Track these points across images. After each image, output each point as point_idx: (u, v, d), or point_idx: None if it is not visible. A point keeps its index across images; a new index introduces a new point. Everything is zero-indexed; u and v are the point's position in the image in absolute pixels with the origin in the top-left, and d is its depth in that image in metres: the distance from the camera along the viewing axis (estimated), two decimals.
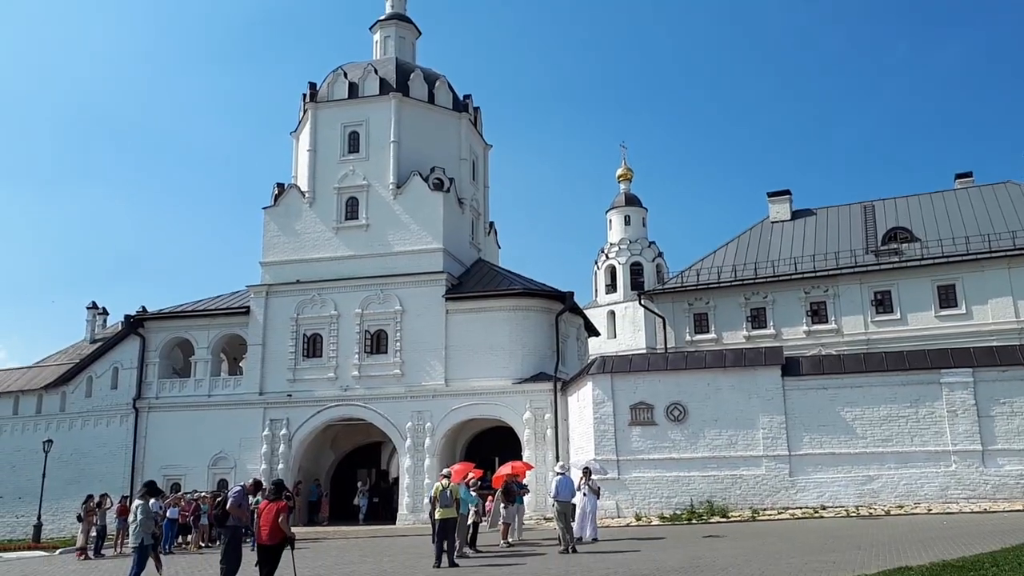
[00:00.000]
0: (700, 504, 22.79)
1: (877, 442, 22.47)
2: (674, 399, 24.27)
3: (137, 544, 12.98)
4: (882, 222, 37.24)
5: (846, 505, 21.89)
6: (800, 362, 24.37)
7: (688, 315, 37.17)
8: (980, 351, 23.43)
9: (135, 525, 12.85)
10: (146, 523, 12.96)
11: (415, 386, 29.84)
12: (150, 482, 14.52)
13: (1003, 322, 31.87)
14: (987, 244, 33.16)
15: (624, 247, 49.67)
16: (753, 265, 36.79)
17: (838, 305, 34.46)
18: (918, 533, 16.47)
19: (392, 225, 31.91)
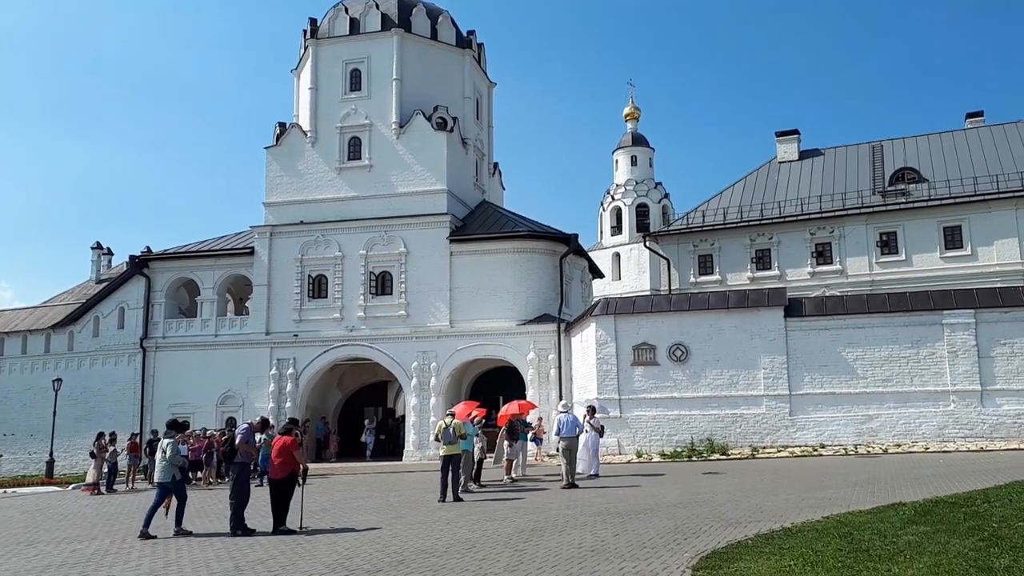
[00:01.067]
0: (700, 442, 23.16)
1: (877, 382, 22.67)
2: (677, 340, 24.43)
3: (166, 480, 12.95)
4: (890, 162, 36.83)
5: (845, 444, 22.21)
6: (803, 303, 24.43)
7: (693, 257, 37.11)
8: (983, 292, 23.42)
9: (163, 462, 12.99)
10: (175, 459, 13.13)
11: (420, 327, 30.05)
12: (173, 420, 14.64)
13: (1008, 263, 31.76)
14: (995, 185, 32.83)
15: (630, 188, 49.35)
16: (759, 206, 36.57)
17: (843, 246, 34.34)
18: (914, 471, 16.74)
19: (395, 166, 31.68)
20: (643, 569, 8.31)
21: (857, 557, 8.19)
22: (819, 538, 9.37)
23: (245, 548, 11.11)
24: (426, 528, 12.10)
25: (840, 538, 9.25)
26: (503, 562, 9.06)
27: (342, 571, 9.06)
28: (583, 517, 12.32)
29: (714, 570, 8.00)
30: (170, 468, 12.92)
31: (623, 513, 12.53)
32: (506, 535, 10.96)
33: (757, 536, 9.80)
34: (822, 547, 8.78)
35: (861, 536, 9.32)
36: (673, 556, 8.89)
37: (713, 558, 8.60)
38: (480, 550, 9.93)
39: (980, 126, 38.09)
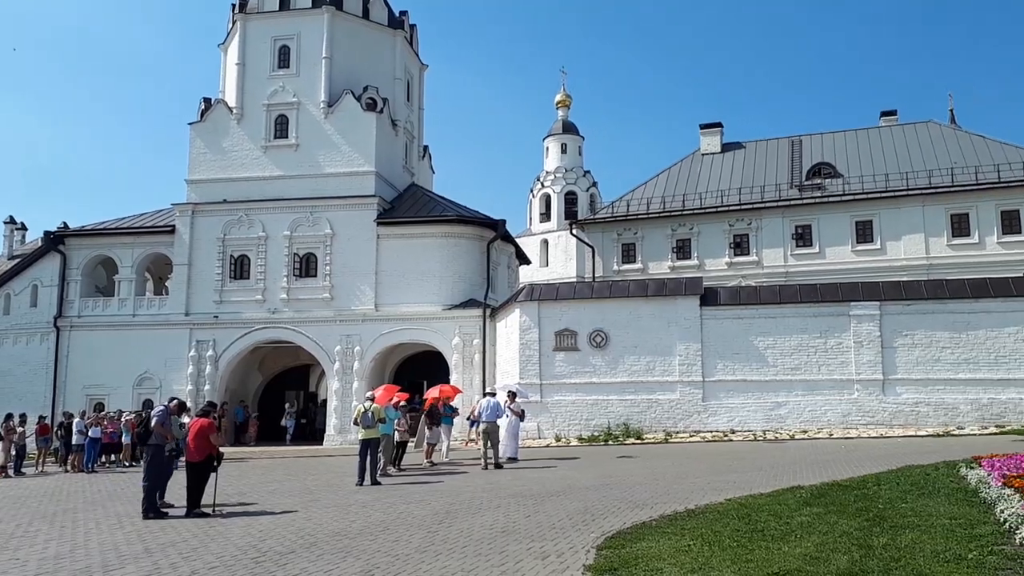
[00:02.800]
0: (617, 426, 23.80)
1: (787, 370, 23.66)
2: (597, 326, 24.97)
3: None
4: (808, 157, 38.22)
5: (754, 429, 23.15)
6: (719, 292, 25.27)
7: (617, 245, 37.83)
8: (887, 285, 24.63)
9: None
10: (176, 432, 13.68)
11: (344, 310, 29.84)
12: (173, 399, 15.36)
13: (913, 258, 33.40)
14: (905, 182, 34.43)
15: (560, 176, 49.76)
16: (682, 197, 37.48)
17: (760, 238, 35.54)
18: (816, 456, 17.54)
19: (323, 145, 31.26)
20: (550, 548, 8.61)
21: (752, 537, 8.63)
22: (719, 519, 9.82)
23: (156, 531, 11.02)
24: (341, 511, 12.18)
25: (739, 519, 9.71)
26: (415, 543, 9.26)
27: (254, 553, 9.10)
28: (497, 499, 12.61)
29: (617, 549, 8.34)
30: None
31: (537, 495, 12.86)
32: (420, 517, 11.15)
33: (661, 517, 10.21)
34: (721, 527, 9.22)
35: (758, 517, 9.79)
36: (580, 536, 9.23)
37: (617, 538, 8.96)
38: (394, 532, 10.09)
39: (893, 125, 39.81)
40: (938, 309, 23.20)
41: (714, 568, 7.29)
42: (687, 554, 7.92)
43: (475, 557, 8.36)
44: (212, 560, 8.83)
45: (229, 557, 8.95)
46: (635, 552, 8.14)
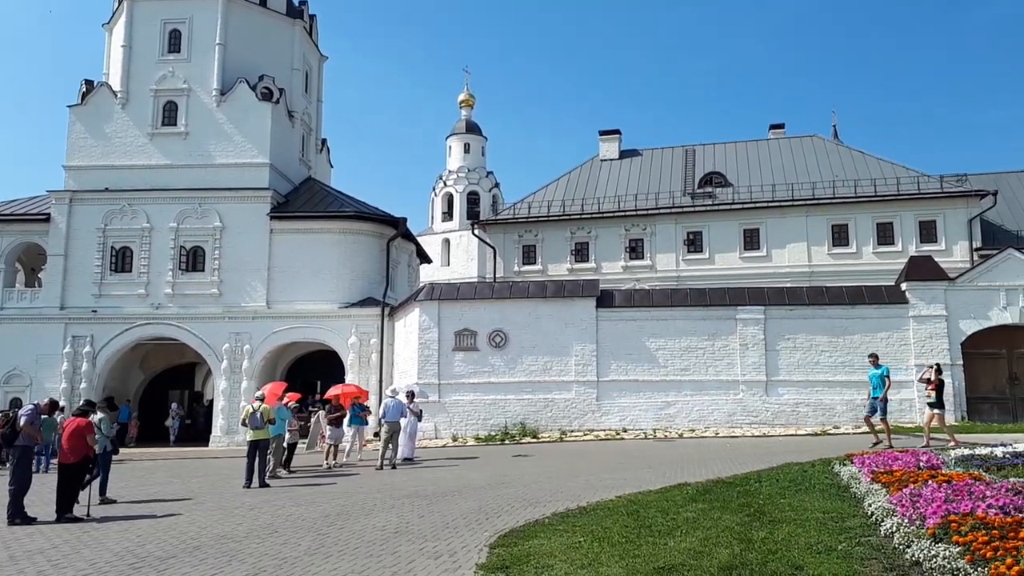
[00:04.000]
0: (514, 426, 23.96)
1: (676, 371, 24.40)
2: (497, 326, 25.07)
3: (100, 451, 13.40)
4: (700, 166, 39.57)
5: (645, 428, 23.76)
6: (614, 295, 25.82)
7: (518, 246, 38.12)
8: (772, 291, 25.74)
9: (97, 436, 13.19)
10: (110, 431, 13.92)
11: (234, 307, 28.85)
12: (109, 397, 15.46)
13: (797, 265, 35.07)
14: (790, 193, 36.11)
15: (462, 175, 49.85)
16: (581, 201, 38.13)
17: (654, 243, 36.56)
18: (703, 454, 18.12)
19: (214, 135, 30.11)
20: (442, 548, 8.56)
21: (640, 532, 8.83)
22: (609, 516, 10.00)
23: (23, 537, 10.34)
24: (227, 514, 11.74)
25: (628, 515, 9.91)
26: (304, 545, 9.01)
27: (131, 559, 8.65)
28: (391, 500, 12.45)
29: (509, 547, 8.36)
30: (103, 440, 13.42)
31: (431, 495, 12.78)
32: (311, 519, 10.88)
33: (554, 515, 10.31)
34: (611, 524, 9.38)
35: (647, 513, 10.02)
36: (473, 535, 9.21)
37: (510, 536, 8.98)
38: (282, 534, 9.80)
39: (781, 137, 41.71)
40: (818, 314, 24.43)
41: (603, 564, 7.40)
42: (577, 551, 8.02)
43: (366, 559, 8.22)
44: (85, 567, 8.35)
45: (104, 564, 8.48)
46: (527, 550, 8.18)
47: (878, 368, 17.51)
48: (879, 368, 17.51)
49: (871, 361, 17.98)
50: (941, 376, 17.13)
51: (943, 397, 16.96)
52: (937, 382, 16.70)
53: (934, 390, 16.62)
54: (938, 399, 16.64)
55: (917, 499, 8.09)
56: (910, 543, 6.93)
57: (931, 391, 16.69)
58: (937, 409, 16.60)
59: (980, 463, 11.51)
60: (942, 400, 16.82)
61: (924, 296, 23.95)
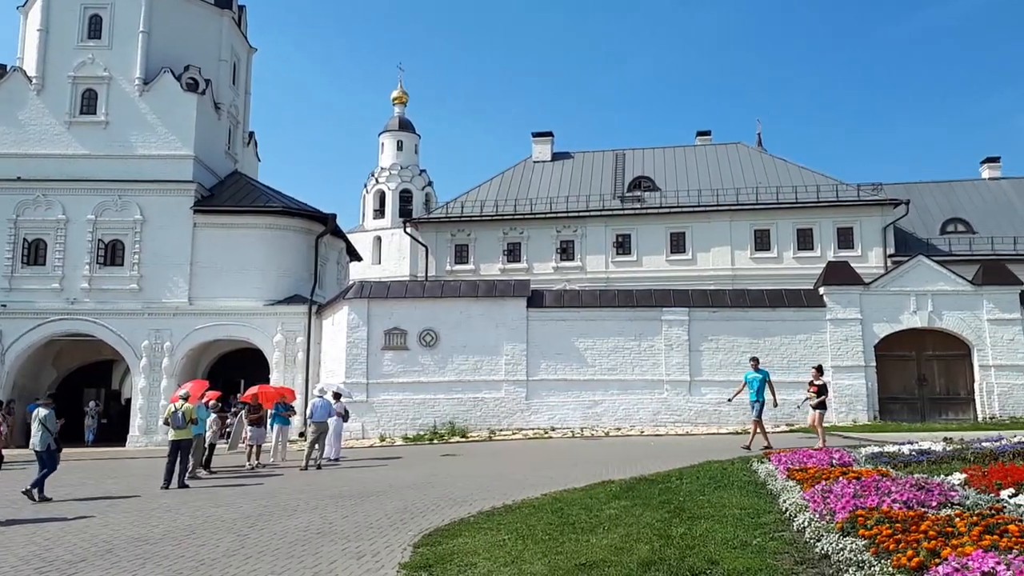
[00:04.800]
0: (443, 425, 23.92)
1: (604, 370, 24.76)
2: (428, 325, 24.97)
3: (43, 448, 13.61)
4: (630, 170, 40.25)
5: (572, 427, 24.04)
6: (544, 295, 26.04)
7: (451, 245, 38.07)
8: (696, 293, 26.37)
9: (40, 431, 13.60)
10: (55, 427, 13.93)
11: (154, 303, 27.94)
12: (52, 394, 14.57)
13: (721, 269, 36.05)
14: (715, 198, 37.09)
15: (395, 173, 49.43)
16: (514, 202, 38.33)
17: (585, 244, 37.03)
18: (628, 452, 18.42)
19: (136, 125, 29.12)
20: (366, 548, 8.49)
21: (564, 530, 8.91)
22: (534, 513, 10.07)
23: None
24: (143, 516, 11.38)
25: (552, 513, 10.00)
26: (223, 547, 8.81)
27: (37, 563, 8.30)
28: (315, 500, 12.27)
29: (434, 546, 8.35)
30: (47, 437, 13.66)
31: (356, 495, 12.65)
32: (230, 520, 10.63)
33: (479, 513, 10.33)
34: (535, 521, 9.45)
35: (570, 511, 10.13)
36: (397, 535, 9.16)
37: (434, 535, 8.97)
38: (200, 536, 9.56)
39: (708, 144, 42.77)
40: (740, 316, 25.14)
41: (526, 561, 7.45)
42: (501, 548, 8.06)
43: (287, 559, 8.09)
44: None
45: (9, 568, 8.12)
46: (451, 548, 8.18)
47: (758, 372, 17.62)
48: (759, 372, 17.62)
49: (752, 364, 18.11)
50: (823, 378, 17.44)
51: (825, 398, 17.06)
52: (819, 384, 16.98)
53: (816, 391, 16.87)
54: (820, 400, 16.83)
55: (828, 495, 8.35)
56: (820, 537, 7.14)
57: (813, 392, 16.95)
58: (820, 409, 16.81)
59: (888, 460, 12.01)
60: (824, 401, 16.99)
61: (840, 300, 24.90)
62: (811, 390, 17.09)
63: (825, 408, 17.16)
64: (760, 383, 17.32)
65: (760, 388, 17.26)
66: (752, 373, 17.67)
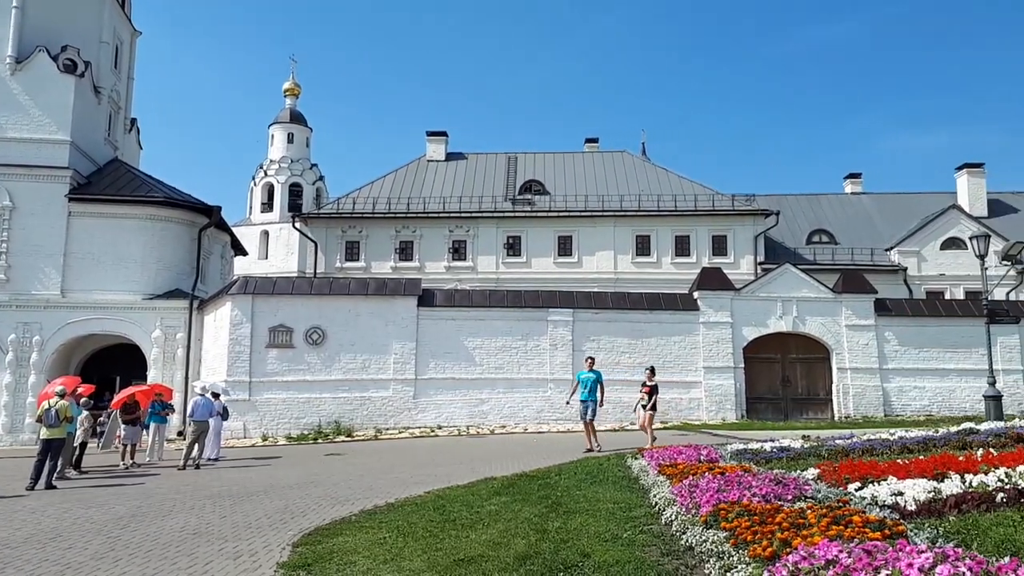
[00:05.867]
0: (328, 424, 23.70)
1: (491, 369, 25.16)
2: (315, 323, 24.67)
3: None
4: (522, 173, 40.94)
5: (459, 425, 24.31)
6: (435, 294, 26.20)
7: (341, 242, 37.60)
8: (580, 295, 27.15)
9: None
10: None
11: (23, 294, 26.36)
12: None
13: (604, 272, 37.20)
14: (601, 204, 38.23)
15: (285, 166, 48.18)
16: (407, 200, 38.25)
17: (476, 245, 37.41)
18: (512, 449, 18.78)
19: (7, 106, 27.39)
20: (243, 548, 8.44)
21: (444, 526, 9.10)
22: (416, 511, 10.21)
23: None
24: (4, 518, 10.84)
25: (434, 510, 10.17)
26: (91, 550, 8.56)
27: None
28: (192, 501, 12.01)
29: (313, 545, 8.37)
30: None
31: (235, 496, 12.45)
32: (101, 522, 10.29)
33: (361, 512, 10.38)
34: (417, 519, 9.60)
35: (452, 508, 10.32)
36: (277, 534, 9.13)
37: (315, 534, 8.98)
38: (67, 539, 9.23)
39: (595, 151, 44.00)
40: (620, 318, 26.07)
41: (406, 558, 7.59)
42: (382, 546, 8.17)
43: (160, 561, 7.96)
44: None
45: None
46: (331, 547, 8.23)
47: (592, 372, 17.39)
48: (593, 372, 17.39)
49: (587, 364, 17.89)
50: (655, 380, 17.47)
51: (656, 399, 17.15)
52: (651, 385, 17.08)
53: (648, 393, 16.98)
54: (651, 401, 16.95)
55: (694, 489, 8.79)
56: (686, 529, 7.52)
57: (645, 393, 17.04)
58: (651, 411, 16.92)
59: (751, 457, 12.81)
60: (655, 402, 17.08)
61: (713, 304, 26.25)
62: (643, 391, 17.12)
63: (655, 409, 17.18)
64: (593, 383, 17.13)
65: (593, 388, 17.09)
66: (586, 372, 17.48)
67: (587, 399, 17.06)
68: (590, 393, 17.05)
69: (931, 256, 37.92)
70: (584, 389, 17.18)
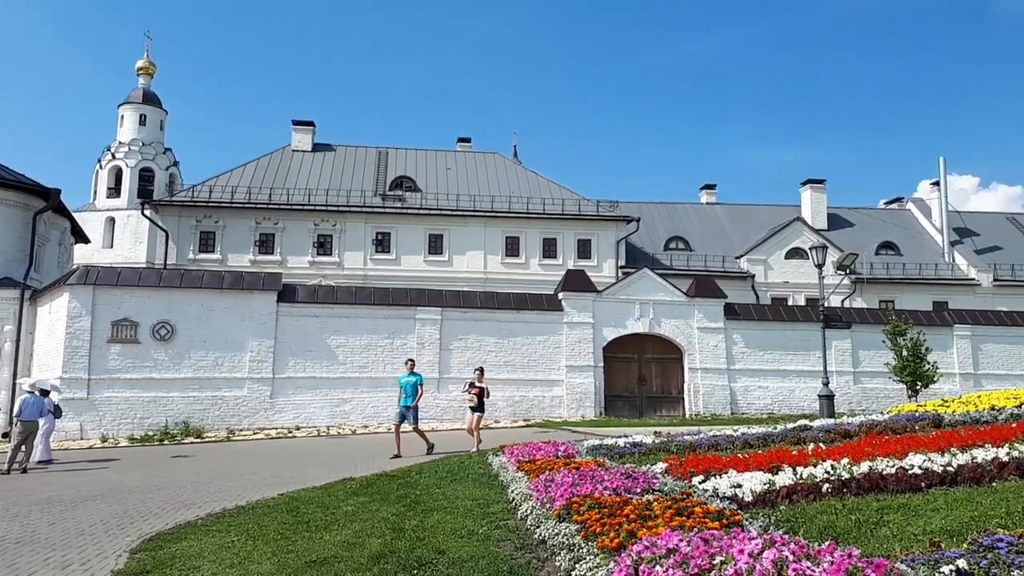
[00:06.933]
0: (176, 425, 22.50)
1: (355, 368, 24.70)
2: (163, 317, 23.36)
3: None
4: (393, 169, 40.50)
5: (319, 425, 23.70)
6: (297, 289, 25.43)
7: (195, 232, 35.82)
8: (449, 294, 27.18)
9: None
10: None
11: None
12: None
13: (474, 271, 37.43)
14: (472, 204, 38.43)
15: (135, 148, 45.35)
16: (269, 190, 36.95)
17: (344, 240, 36.65)
18: (373, 449, 18.47)
19: None
20: (74, 557, 7.83)
21: (297, 528, 8.83)
22: (268, 513, 9.85)
23: None
24: None
25: (287, 512, 9.85)
26: None
27: None
28: (16, 507, 11.03)
29: (154, 551, 7.91)
30: None
31: (68, 501, 11.55)
32: None
33: (208, 516, 9.92)
34: (268, 521, 9.26)
35: (307, 509, 10.04)
36: (113, 541, 8.55)
37: (156, 540, 8.48)
38: None
39: (468, 151, 44.19)
40: (488, 317, 26.29)
41: (254, 561, 7.32)
42: (229, 550, 7.84)
43: None
44: None
45: None
46: (173, 552, 7.82)
47: (413, 375, 16.72)
48: (414, 376, 16.73)
49: (407, 367, 17.13)
50: (484, 381, 17.10)
51: (484, 401, 16.77)
52: (480, 387, 16.70)
53: (477, 394, 16.57)
54: (479, 403, 16.57)
55: (550, 484, 8.97)
56: (540, 523, 7.66)
57: (474, 395, 16.60)
58: (478, 412, 16.55)
59: (606, 452, 13.23)
60: (483, 404, 16.70)
61: (576, 305, 26.94)
62: (472, 391, 16.71)
63: (483, 411, 16.79)
64: (413, 387, 16.49)
65: (413, 392, 16.43)
66: (406, 376, 16.75)
67: (407, 404, 16.42)
68: (411, 398, 16.39)
69: (777, 264, 40.53)
70: (404, 395, 16.50)
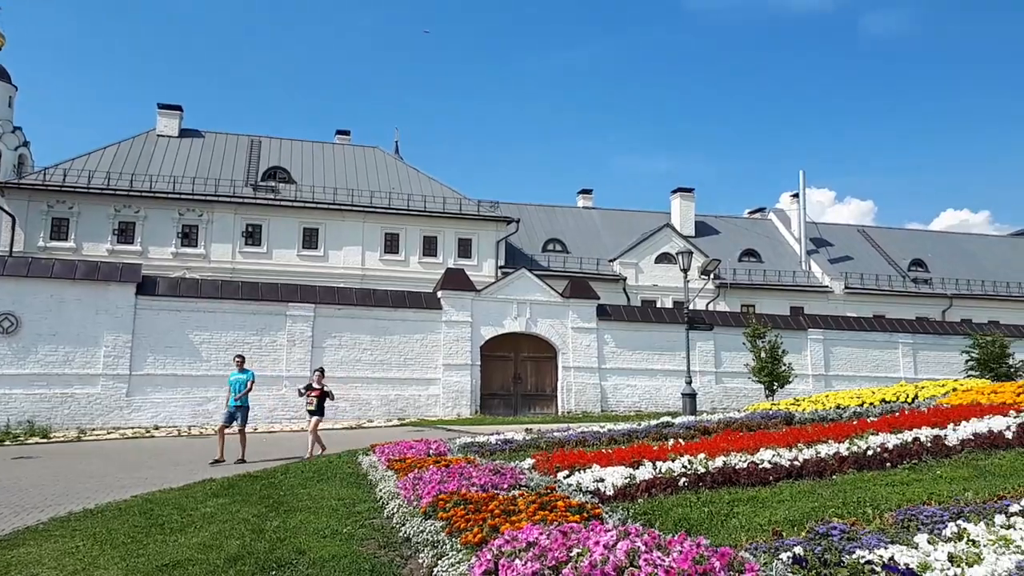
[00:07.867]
0: (19, 424, 20.90)
1: (220, 366, 23.68)
2: (7, 308, 21.73)
3: None
4: (266, 159, 39.19)
5: (180, 425, 22.64)
6: (157, 282, 24.21)
7: (46, 218, 33.41)
8: (323, 290, 26.60)
9: None
10: None
11: None
12: None
13: (352, 268, 36.77)
14: (351, 198, 37.74)
15: None
16: (130, 176, 34.94)
17: (211, 231, 35.13)
18: (237, 449, 17.87)
19: None
20: None
21: (150, 531, 8.43)
22: (118, 516, 9.37)
23: None
24: None
25: (140, 515, 9.39)
26: None
27: None
28: None
29: None
30: None
31: None
32: None
33: (52, 520, 9.32)
34: (118, 525, 8.80)
35: (162, 512, 9.60)
36: None
37: None
38: None
39: (347, 144, 43.32)
40: (364, 315, 25.90)
41: (100, 567, 6.96)
42: (72, 556, 7.41)
43: None
44: None
45: None
46: (8, 560, 7.30)
47: (243, 372, 15.76)
48: (244, 373, 15.76)
49: (237, 364, 16.00)
50: (324, 383, 16.27)
51: (324, 404, 15.94)
52: (320, 389, 15.86)
53: (317, 397, 15.74)
54: (319, 406, 15.76)
55: (418, 482, 8.98)
56: (405, 521, 7.65)
57: (314, 397, 15.75)
58: (318, 415, 15.72)
59: (477, 449, 13.34)
60: (323, 407, 15.90)
61: (455, 304, 26.98)
62: (311, 394, 15.79)
63: (323, 414, 15.98)
64: (242, 385, 15.53)
65: (244, 391, 15.50)
66: (236, 374, 15.73)
67: (237, 404, 15.43)
68: (242, 398, 15.42)
69: (647, 268, 42.03)
70: (234, 394, 15.48)
